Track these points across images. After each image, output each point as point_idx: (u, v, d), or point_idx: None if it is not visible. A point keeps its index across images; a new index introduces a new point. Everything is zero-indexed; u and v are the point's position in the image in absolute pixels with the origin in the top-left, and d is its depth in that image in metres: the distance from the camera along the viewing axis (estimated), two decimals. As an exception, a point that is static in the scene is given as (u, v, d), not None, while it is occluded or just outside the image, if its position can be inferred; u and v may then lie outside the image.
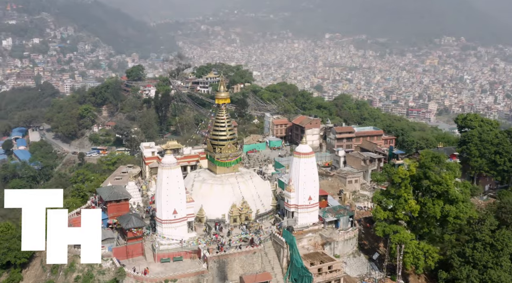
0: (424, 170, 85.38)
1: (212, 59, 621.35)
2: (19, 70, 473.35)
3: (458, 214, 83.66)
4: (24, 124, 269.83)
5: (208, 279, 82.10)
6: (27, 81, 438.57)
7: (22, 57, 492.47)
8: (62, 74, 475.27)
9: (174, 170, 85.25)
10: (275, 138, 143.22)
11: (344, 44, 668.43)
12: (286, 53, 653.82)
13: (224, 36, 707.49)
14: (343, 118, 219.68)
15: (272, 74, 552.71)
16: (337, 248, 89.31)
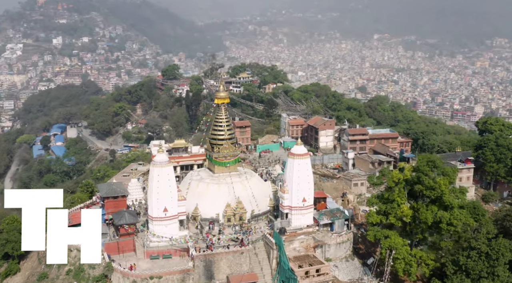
0: (418, 174, 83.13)
1: (258, 59, 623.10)
2: (68, 68, 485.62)
3: (452, 220, 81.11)
4: (63, 120, 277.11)
5: (194, 278, 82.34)
6: (75, 79, 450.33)
7: (71, 55, 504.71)
8: (109, 73, 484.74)
9: (165, 168, 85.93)
10: (290, 138, 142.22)
11: (392, 45, 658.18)
12: (333, 53, 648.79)
13: (271, 36, 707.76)
14: (376, 120, 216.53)
15: (317, 74, 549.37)
16: (329, 251, 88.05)
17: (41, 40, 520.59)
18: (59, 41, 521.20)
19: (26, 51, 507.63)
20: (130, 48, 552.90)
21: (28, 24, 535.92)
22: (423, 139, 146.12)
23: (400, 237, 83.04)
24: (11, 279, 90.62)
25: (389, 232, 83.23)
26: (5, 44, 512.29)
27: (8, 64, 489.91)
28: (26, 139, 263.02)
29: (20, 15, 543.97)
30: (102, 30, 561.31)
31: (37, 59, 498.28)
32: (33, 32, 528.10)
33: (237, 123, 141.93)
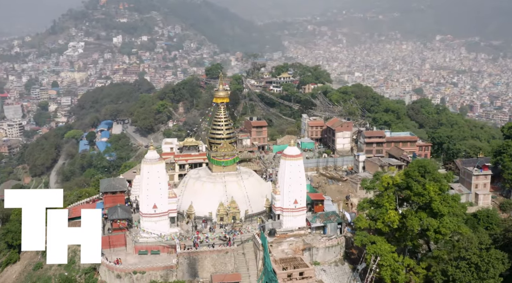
0: (407, 179, 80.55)
1: (315, 59, 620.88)
2: (126, 66, 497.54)
3: (440, 228, 78.17)
4: (110, 117, 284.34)
5: (177, 275, 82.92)
6: (132, 77, 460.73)
7: (130, 53, 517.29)
8: (165, 71, 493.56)
9: (155, 165, 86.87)
10: (308, 139, 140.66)
11: (455, 47, 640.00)
12: (393, 54, 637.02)
13: (331, 37, 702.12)
14: (419, 122, 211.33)
15: (374, 75, 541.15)
16: (317, 255, 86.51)
17: (102, 38, 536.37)
18: (119, 39, 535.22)
19: (88, 49, 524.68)
20: (187, 47, 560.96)
21: (90, 23, 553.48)
22: (448, 143, 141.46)
23: (387, 244, 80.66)
24: (11, 267, 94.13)
25: (376, 238, 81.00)
26: (68, 42, 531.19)
27: (70, 61, 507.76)
28: (74, 134, 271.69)
29: (83, 14, 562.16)
30: (161, 29, 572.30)
31: (98, 57, 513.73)
32: (95, 31, 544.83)
33: (254, 123, 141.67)
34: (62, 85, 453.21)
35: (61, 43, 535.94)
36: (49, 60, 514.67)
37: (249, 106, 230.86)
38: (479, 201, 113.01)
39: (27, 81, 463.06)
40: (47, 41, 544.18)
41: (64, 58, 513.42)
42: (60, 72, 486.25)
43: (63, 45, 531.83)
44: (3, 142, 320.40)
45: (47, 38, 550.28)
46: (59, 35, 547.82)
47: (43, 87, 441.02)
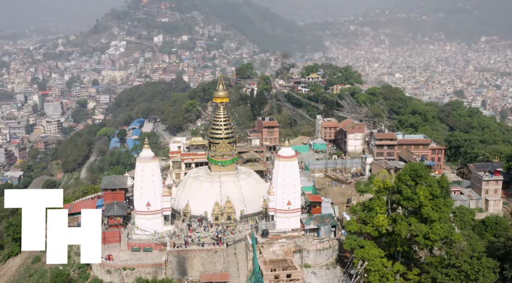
0: (398, 183, 78.92)
1: (356, 60, 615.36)
2: (166, 65, 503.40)
3: (429, 235, 76.26)
4: (142, 115, 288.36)
5: (166, 272, 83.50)
6: (170, 76, 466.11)
7: (170, 53, 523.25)
8: (204, 70, 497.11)
9: (148, 163, 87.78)
10: (321, 141, 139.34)
11: (500, 48, 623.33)
12: (436, 56, 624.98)
13: (373, 37, 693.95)
14: (449, 125, 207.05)
15: (415, 77, 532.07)
16: (308, 257, 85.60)
17: (143, 37, 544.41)
18: (159, 39, 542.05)
19: (129, 48, 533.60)
20: (227, 47, 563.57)
21: (132, 22, 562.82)
22: (466, 147, 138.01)
23: (376, 248, 79.15)
24: (12, 259, 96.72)
25: (365, 242, 79.59)
26: (110, 41, 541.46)
27: (111, 60, 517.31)
28: (106, 131, 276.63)
29: (125, 14, 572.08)
30: (202, 29, 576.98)
31: (138, 56, 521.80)
32: (136, 30, 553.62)
33: (265, 123, 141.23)
34: (102, 84, 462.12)
35: (103, 42, 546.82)
36: (91, 59, 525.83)
37: (275, 106, 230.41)
38: (489, 207, 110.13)
39: (69, 79, 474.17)
40: (90, 40, 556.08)
41: (105, 57, 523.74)
42: (102, 71, 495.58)
43: (105, 44, 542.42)
44: (41, 138, 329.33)
45: (90, 37, 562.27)
46: (102, 34, 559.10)
47: (84, 85, 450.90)
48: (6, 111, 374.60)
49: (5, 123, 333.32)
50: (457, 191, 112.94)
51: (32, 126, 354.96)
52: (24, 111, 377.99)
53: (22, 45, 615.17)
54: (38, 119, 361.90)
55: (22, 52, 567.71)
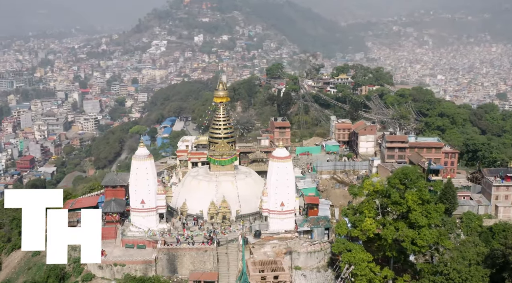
0: (388, 187, 77.51)
1: (398, 61, 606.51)
2: (205, 64, 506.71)
3: (417, 240, 74.57)
4: (174, 114, 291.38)
5: (157, 270, 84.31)
6: (209, 75, 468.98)
7: (210, 52, 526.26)
8: (242, 70, 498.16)
9: (143, 161, 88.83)
10: (334, 142, 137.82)
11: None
12: (481, 57, 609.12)
13: (416, 38, 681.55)
14: (481, 128, 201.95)
15: (457, 78, 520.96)
16: (299, 259, 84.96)
17: (184, 37, 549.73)
18: (200, 38, 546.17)
19: (170, 47, 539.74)
20: (267, 47, 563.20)
21: (173, 22, 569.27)
22: (484, 151, 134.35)
23: (364, 252, 77.92)
24: (15, 252, 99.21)
25: (353, 246, 78.49)
26: (151, 40, 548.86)
27: (152, 59, 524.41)
28: (138, 129, 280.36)
29: (167, 14, 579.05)
30: (242, 29, 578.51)
31: (179, 55, 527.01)
32: (177, 30, 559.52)
33: (277, 123, 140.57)
34: (142, 82, 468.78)
35: (145, 41, 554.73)
36: (133, 58, 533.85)
37: (302, 106, 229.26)
38: (499, 214, 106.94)
39: (110, 77, 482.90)
40: (132, 39, 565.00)
41: (146, 56, 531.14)
42: (142, 70, 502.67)
43: (147, 43, 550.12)
44: (78, 135, 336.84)
45: (132, 37, 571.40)
46: (144, 34, 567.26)
47: (123, 83, 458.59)
48: (46, 108, 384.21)
49: (43, 120, 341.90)
50: (466, 196, 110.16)
51: (71, 123, 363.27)
52: (63, 108, 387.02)
53: (67, 44, 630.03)
54: (77, 117, 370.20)
55: (66, 51, 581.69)
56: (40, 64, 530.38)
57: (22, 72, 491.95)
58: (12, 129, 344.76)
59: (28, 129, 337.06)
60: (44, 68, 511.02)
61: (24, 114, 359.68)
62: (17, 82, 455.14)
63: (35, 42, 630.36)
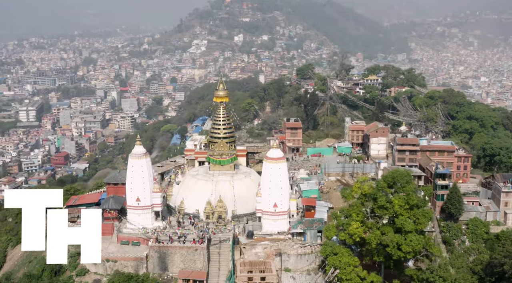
0: (375, 191, 76.22)
1: (441, 62, 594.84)
2: (245, 64, 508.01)
3: (402, 246, 73.08)
4: (205, 113, 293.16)
5: (148, 267, 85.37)
6: (248, 75, 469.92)
7: (249, 52, 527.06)
8: (281, 70, 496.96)
9: (139, 160, 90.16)
10: (347, 144, 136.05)
11: None
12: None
13: (461, 39, 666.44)
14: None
15: (501, 81, 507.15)
16: (289, 261, 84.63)
17: (224, 37, 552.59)
18: (240, 38, 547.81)
19: (210, 47, 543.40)
20: (307, 47, 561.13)
21: (214, 22, 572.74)
22: (502, 156, 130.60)
23: (351, 257, 76.83)
24: (19, 246, 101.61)
25: (340, 249, 77.58)
26: (192, 40, 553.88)
27: (192, 58, 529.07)
28: (169, 128, 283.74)
29: (208, 13, 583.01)
30: (282, 29, 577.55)
31: (218, 55, 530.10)
32: (218, 30, 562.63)
33: (289, 124, 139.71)
34: (181, 81, 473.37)
35: (186, 41, 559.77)
36: (173, 57, 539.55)
37: (329, 107, 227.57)
38: (508, 221, 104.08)
39: (150, 76, 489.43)
40: (173, 39, 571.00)
41: (187, 56, 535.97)
42: (182, 69, 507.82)
43: (188, 43, 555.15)
44: (115, 132, 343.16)
45: (174, 36, 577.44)
46: (185, 33, 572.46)
47: (162, 82, 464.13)
48: (85, 106, 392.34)
49: (81, 117, 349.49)
50: (475, 202, 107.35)
51: (108, 121, 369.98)
52: (101, 106, 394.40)
53: (111, 43, 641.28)
54: (114, 114, 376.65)
55: (110, 50, 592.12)
56: (84, 62, 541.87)
57: (65, 70, 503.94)
58: (51, 126, 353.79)
59: (66, 126, 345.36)
60: (87, 66, 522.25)
61: (63, 111, 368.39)
62: (59, 80, 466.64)
63: (80, 41, 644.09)
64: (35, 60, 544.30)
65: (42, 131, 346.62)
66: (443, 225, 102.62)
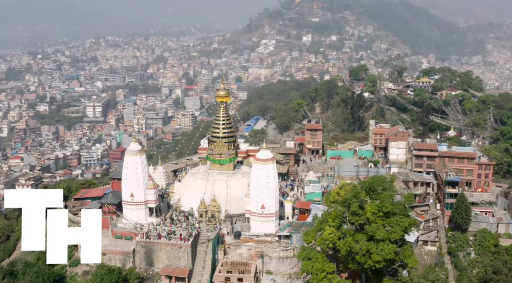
0: (349, 196, 74.36)
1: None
2: (311, 64, 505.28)
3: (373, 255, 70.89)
4: (258, 113, 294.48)
5: (135, 261, 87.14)
6: (313, 75, 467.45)
7: (317, 52, 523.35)
8: (348, 71, 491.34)
9: (134, 157, 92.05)
10: (369, 147, 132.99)
11: None
12: None
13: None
14: None
15: None
16: (270, 264, 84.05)
17: (292, 37, 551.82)
18: (308, 38, 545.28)
19: (278, 47, 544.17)
20: (377, 48, 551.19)
21: (283, 21, 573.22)
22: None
23: (325, 262, 75.26)
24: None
25: (315, 255, 76.14)
26: (260, 39, 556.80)
27: (260, 58, 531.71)
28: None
29: (278, 13, 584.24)
30: (352, 29, 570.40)
31: (286, 55, 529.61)
32: (287, 30, 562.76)
33: (308, 125, 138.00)
34: (247, 81, 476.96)
35: (254, 40, 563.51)
36: (241, 57, 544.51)
37: (376, 109, 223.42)
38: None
39: (216, 75, 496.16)
40: (242, 38, 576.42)
41: (255, 55, 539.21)
42: (249, 68, 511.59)
43: (256, 42, 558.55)
44: (175, 129, 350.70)
45: (243, 36, 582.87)
46: (254, 33, 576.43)
47: (226, 81, 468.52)
48: (149, 103, 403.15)
49: (143, 114, 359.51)
50: (488, 213, 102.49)
51: (170, 118, 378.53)
52: (165, 104, 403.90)
53: (184, 42, 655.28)
54: (176, 112, 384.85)
55: (181, 49, 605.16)
56: (155, 61, 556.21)
57: (136, 68, 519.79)
58: (115, 122, 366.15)
59: (129, 122, 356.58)
60: (157, 64, 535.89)
61: (127, 107, 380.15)
62: (129, 78, 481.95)
63: (154, 40, 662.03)
64: (109, 57, 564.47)
65: (106, 126, 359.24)
66: (449, 235, 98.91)
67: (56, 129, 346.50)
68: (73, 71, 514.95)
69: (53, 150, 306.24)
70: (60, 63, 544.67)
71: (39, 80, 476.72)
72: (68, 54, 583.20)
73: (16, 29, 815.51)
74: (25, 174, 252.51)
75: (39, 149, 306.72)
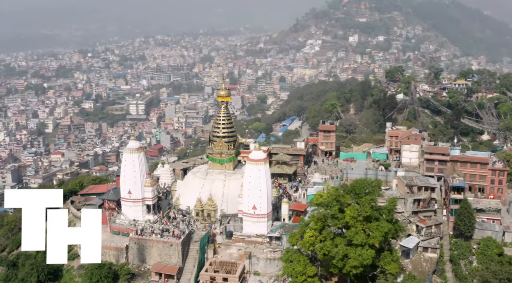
0: (330, 199, 73.40)
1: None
2: (357, 65, 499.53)
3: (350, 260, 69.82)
4: (294, 113, 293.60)
5: (128, 257, 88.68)
6: (358, 76, 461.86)
7: (363, 53, 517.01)
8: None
9: (132, 154, 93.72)
10: (383, 150, 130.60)
11: None
12: None
13: None
14: None
15: None
16: (258, 265, 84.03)
17: (339, 37, 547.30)
18: (355, 39, 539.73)
19: (324, 47, 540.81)
20: (425, 49, 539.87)
21: (330, 21, 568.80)
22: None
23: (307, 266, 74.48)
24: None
25: (297, 257, 75.45)
26: (307, 40, 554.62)
27: (305, 58, 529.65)
28: (256, 126, 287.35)
29: (324, 13, 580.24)
30: (400, 29, 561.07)
31: (331, 55, 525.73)
32: (333, 30, 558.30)
33: (322, 127, 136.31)
34: (290, 81, 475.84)
35: (300, 40, 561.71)
36: (287, 57, 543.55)
37: (411, 111, 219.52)
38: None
39: (260, 75, 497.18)
40: (288, 38, 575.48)
41: (300, 55, 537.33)
42: (294, 68, 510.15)
43: (302, 42, 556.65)
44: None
45: (289, 36, 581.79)
46: (300, 33, 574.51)
47: (269, 81, 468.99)
48: (192, 102, 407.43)
49: (183, 113, 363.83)
50: (496, 220, 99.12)
51: (211, 117, 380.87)
52: (207, 103, 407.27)
53: (231, 41, 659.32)
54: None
55: (228, 48, 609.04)
56: (201, 60, 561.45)
57: (182, 67, 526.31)
58: (157, 120, 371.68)
59: (170, 121, 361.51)
60: (203, 64, 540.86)
61: (169, 106, 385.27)
62: (174, 76, 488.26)
63: (203, 39, 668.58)
64: (156, 56, 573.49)
65: (147, 124, 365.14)
66: (452, 243, 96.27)
67: (99, 126, 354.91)
68: (121, 70, 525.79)
69: (94, 147, 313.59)
70: (109, 61, 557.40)
71: (87, 78, 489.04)
72: (118, 52, 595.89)
73: (70, 27, 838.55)
74: (64, 169, 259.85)
75: (80, 145, 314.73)
